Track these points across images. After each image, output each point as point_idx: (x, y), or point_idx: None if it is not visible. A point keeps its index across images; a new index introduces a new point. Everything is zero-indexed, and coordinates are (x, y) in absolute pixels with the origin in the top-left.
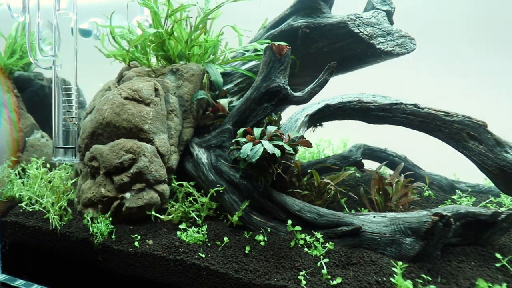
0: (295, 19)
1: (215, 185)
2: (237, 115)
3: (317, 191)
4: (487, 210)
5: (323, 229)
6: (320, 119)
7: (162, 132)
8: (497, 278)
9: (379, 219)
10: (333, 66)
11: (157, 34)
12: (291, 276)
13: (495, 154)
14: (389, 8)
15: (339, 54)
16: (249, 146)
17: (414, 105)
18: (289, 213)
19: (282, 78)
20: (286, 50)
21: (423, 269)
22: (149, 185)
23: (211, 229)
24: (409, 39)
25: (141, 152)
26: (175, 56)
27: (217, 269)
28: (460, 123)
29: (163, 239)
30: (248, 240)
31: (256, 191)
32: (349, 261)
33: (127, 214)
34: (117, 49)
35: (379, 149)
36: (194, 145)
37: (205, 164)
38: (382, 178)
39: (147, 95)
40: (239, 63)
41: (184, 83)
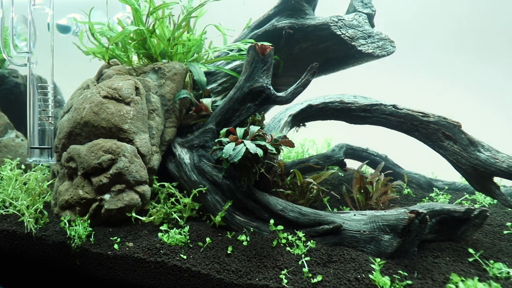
0: (279, 19)
1: (198, 185)
2: (220, 115)
3: (300, 190)
4: (461, 207)
5: (305, 228)
6: (303, 119)
7: (143, 132)
8: (470, 272)
9: (359, 217)
10: (315, 67)
11: (138, 32)
12: (272, 276)
13: (468, 153)
14: (370, 11)
15: (322, 55)
16: (231, 146)
17: (393, 106)
18: (272, 212)
19: (265, 78)
20: (269, 50)
21: (401, 265)
22: (129, 186)
23: (193, 230)
24: (389, 41)
25: (121, 153)
26: (157, 55)
27: (199, 270)
28: (436, 124)
29: (144, 241)
30: (230, 241)
31: (239, 191)
32: (330, 259)
33: (107, 216)
34: (97, 46)
35: (361, 149)
36: (176, 145)
37: (187, 164)
38: (363, 177)
39: (127, 94)
40: (223, 62)
41: (166, 82)
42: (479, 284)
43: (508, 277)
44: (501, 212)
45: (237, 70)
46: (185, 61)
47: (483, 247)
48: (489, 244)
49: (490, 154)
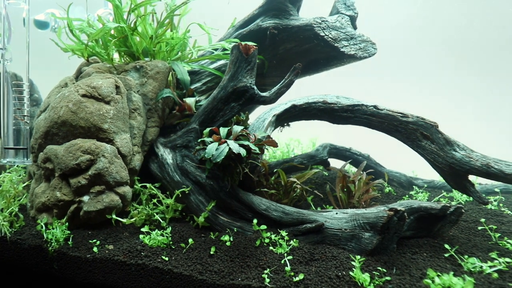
0: (264, 19)
1: (181, 186)
2: (204, 115)
3: (284, 190)
4: (437, 205)
5: (289, 227)
6: (287, 119)
7: (124, 132)
8: (445, 267)
9: (341, 216)
10: (299, 68)
11: (119, 29)
12: (255, 275)
13: (445, 153)
14: (352, 13)
15: (307, 55)
16: (214, 146)
17: (374, 106)
18: (256, 212)
19: (249, 78)
20: (253, 50)
21: (380, 262)
22: (109, 187)
23: (176, 231)
24: (370, 43)
25: (100, 153)
26: (139, 53)
27: (181, 272)
28: (414, 124)
29: (125, 243)
30: (214, 241)
31: (223, 191)
32: (312, 257)
33: (86, 218)
34: (76, 43)
35: (344, 148)
36: (159, 145)
37: (170, 164)
38: (346, 176)
39: (107, 92)
40: (207, 61)
41: (148, 80)
42: (454, 278)
43: (481, 271)
44: (476, 209)
45: (222, 70)
46: (169, 59)
47: (458, 243)
48: (465, 239)
49: (465, 153)
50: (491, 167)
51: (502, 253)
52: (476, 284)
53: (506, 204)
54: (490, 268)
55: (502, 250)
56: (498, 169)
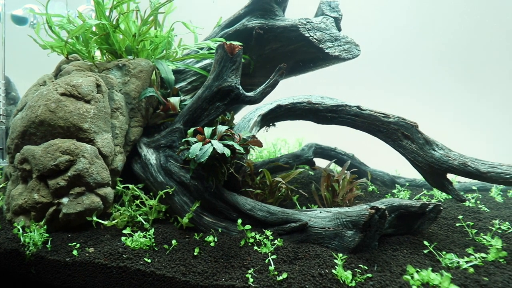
0: (250, 19)
1: (165, 186)
2: (188, 114)
3: (270, 189)
4: (416, 203)
5: (273, 227)
6: (273, 119)
7: (105, 132)
8: (424, 264)
9: (324, 214)
10: (283, 68)
11: (101, 26)
12: (239, 275)
13: (424, 152)
14: (337, 15)
15: (292, 56)
16: (198, 146)
17: (357, 107)
18: (241, 212)
19: (234, 78)
20: (238, 49)
21: (362, 259)
22: (89, 188)
23: (159, 232)
24: (354, 45)
25: (80, 153)
26: (121, 51)
27: (164, 274)
28: (395, 124)
29: (106, 246)
30: (198, 242)
31: (208, 192)
32: (296, 256)
33: (65, 221)
34: (56, 40)
35: (330, 148)
36: (142, 145)
37: (153, 165)
38: (330, 176)
39: (88, 91)
40: (193, 60)
41: (131, 79)
42: (432, 274)
43: (458, 267)
44: (455, 206)
45: (207, 69)
46: (153, 58)
47: (437, 239)
48: (443, 236)
49: (443, 152)
50: (467, 166)
51: (478, 248)
52: (452, 279)
53: (483, 201)
54: (466, 264)
55: (478, 245)
56: (474, 167)
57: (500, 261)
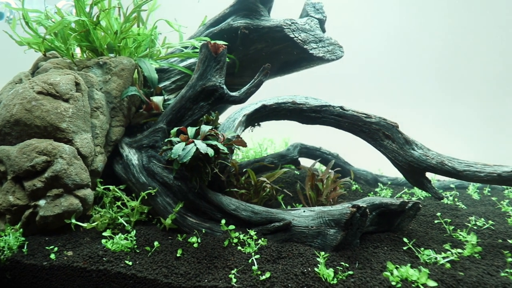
0: (235, 19)
1: (147, 187)
2: (172, 114)
3: (254, 189)
4: (396, 201)
5: (258, 226)
6: (258, 119)
7: (85, 131)
8: (404, 260)
9: (308, 213)
10: (268, 68)
11: (80, 23)
12: (222, 276)
13: (404, 151)
14: (321, 16)
15: (277, 56)
16: (181, 146)
17: (340, 107)
18: (225, 212)
19: (219, 77)
20: (222, 49)
21: (344, 257)
22: (68, 190)
23: (141, 234)
24: (338, 46)
25: (58, 154)
26: (102, 48)
27: (145, 276)
28: (377, 124)
29: (85, 249)
30: (181, 243)
31: (191, 192)
32: (280, 255)
33: (42, 224)
34: (33, 37)
35: (315, 148)
36: (124, 145)
37: (135, 165)
38: (315, 175)
39: (66, 89)
40: (177, 59)
41: (112, 78)
42: (411, 270)
43: (436, 262)
44: (434, 204)
45: (192, 68)
46: (136, 56)
47: (416, 236)
48: (422, 232)
49: (422, 151)
50: (445, 165)
51: (455, 244)
52: (430, 275)
53: (461, 199)
54: (443, 259)
55: (455, 241)
56: (451, 166)
57: (475, 256)
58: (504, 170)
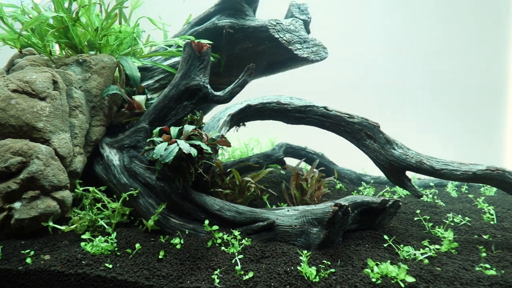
0: (220, 18)
1: (129, 188)
2: (154, 113)
3: (239, 189)
4: (377, 199)
5: (242, 226)
6: (243, 118)
7: (63, 131)
8: (384, 257)
9: (291, 213)
10: (252, 68)
11: (59, 19)
12: (205, 277)
13: (385, 151)
14: (306, 17)
15: (262, 56)
16: (163, 146)
17: (324, 108)
18: (209, 213)
19: (203, 77)
20: (206, 48)
21: (327, 255)
22: (45, 192)
23: (122, 236)
24: (322, 47)
25: (34, 154)
26: (82, 45)
27: (126, 279)
28: (359, 124)
29: (63, 252)
30: (163, 245)
31: (175, 193)
32: (263, 255)
33: (17, 227)
34: (8, 32)
35: (300, 148)
36: (104, 145)
37: (116, 166)
38: (299, 175)
39: (42, 88)
40: (161, 58)
41: (92, 76)
42: (390, 267)
43: (414, 258)
44: (415, 201)
45: (176, 67)
46: (117, 54)
47: (397, 233)
48: (403, 230)
49: (402, 151)
50: (423, 164)
51: (433, 240)
52: (409, 271)
53: (440, 196)
54: (422, 255)
55: (433, 238)
56: (429, 165)
57: (452, 251)
58: (479, 168)
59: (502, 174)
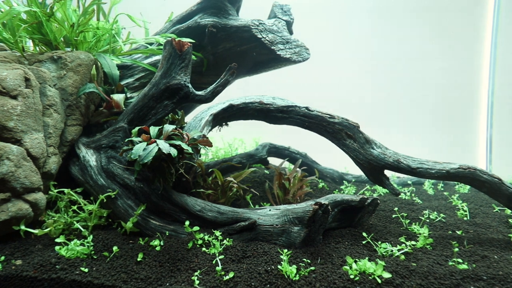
0: (202, 17)
1: (106, 190)
2: (133, 113)
3: (222, 189)
4: (356, 197)
5: (224, 227)
6: (225, 118)
7: (36, 131)
8: (363, 254)
9: (273, 212)
10: (234, 68)
11: (32, 13)
12: (185, 278)
13: (364, 150)
14: (288, 18)
15: (245, 56)
16: (142, 146)
17: (306, 108)
18: (190, 213)
19: (184, 76)
20: (187, 46)
21: (307, 253)
22: (16, 194)
23: (99, 239)
24: (304, 48)
25: (4, 155)
26: (57, 42)
27: (102, 283)
28: (340, 124)
29: (36, 256)
30: (142, 247)
31: (155, 194)
32: (244, 255)
33: None
34: None
35: (283, 147)
36: (80, 145)
37: (93, 167)
38: (282, 174)
39: (14, 85)
40: (141, 56)
41: (68, 73)
42: (368, 263)
43: (392, 255)
44: (394, 199)
45: (157, 65)
46: (95, 51)
47: (375, 230)
48: (381, 227)
49: (381, 150)
50: (400, 163)
51: (409, 237)
52: (385, 267)
53: (417, 194)
54: (398, 252)
55: (410, 234)
56: (406, 164)
57: (427, 247)
58: (452, 167)
59: (473, 172)
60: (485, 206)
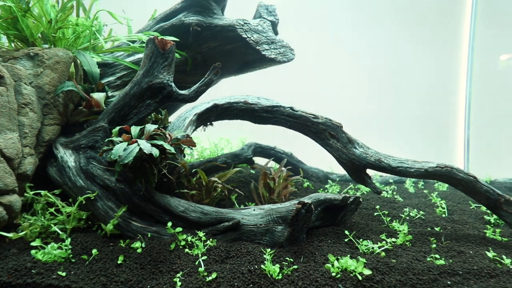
0: (187, 15)
1: (85, 191)
2: (114, 112)
3: (206, 190)
4: (339, 196)
5: (207, 227)
6: (210, 118)
7: (10, 130)
8: (345, 251)
9: (257, 212)
10: (218, 67)
11: (6, 8)
12: (167, 280)
13: (347, 150)
14: (274, 19)
15: (230, 56)
16: (122, 146)
17: (290, 108)
18: (173, 215)
19: (167, 75)
20: (170, 45)
21: (290, 252)
22: None
23: (78, 242)
24: (289, 49)
25: None
26: (34, 38)
27: (81, 287)
28: (323, 124)
29: (11, 261)
30: (123, 249)
31: (136, 195)
32: (228, 255)
33: None
34: None
35: (269, 147)
36: (58, 145)
37: (72, 167)
38: (267, 174)
39: None
40: (123, 54)
41: (45, 71)
42: (350, 261)
43: (372, 252)
44: (376, 198)
45: (139, 64)
46: (74, 48)
47: (358, 228)
48: (363, 225)
49: (363, 150)
50: (381, 162)
51: (390, 234)
52: (366, 264)
53: (399, 192)
54: (379, 249)
55: (391, 231)
56: (386, 163)
57: (406, 244)
58: (430, 166)
59: (450, 170)
60: (463, 204)
